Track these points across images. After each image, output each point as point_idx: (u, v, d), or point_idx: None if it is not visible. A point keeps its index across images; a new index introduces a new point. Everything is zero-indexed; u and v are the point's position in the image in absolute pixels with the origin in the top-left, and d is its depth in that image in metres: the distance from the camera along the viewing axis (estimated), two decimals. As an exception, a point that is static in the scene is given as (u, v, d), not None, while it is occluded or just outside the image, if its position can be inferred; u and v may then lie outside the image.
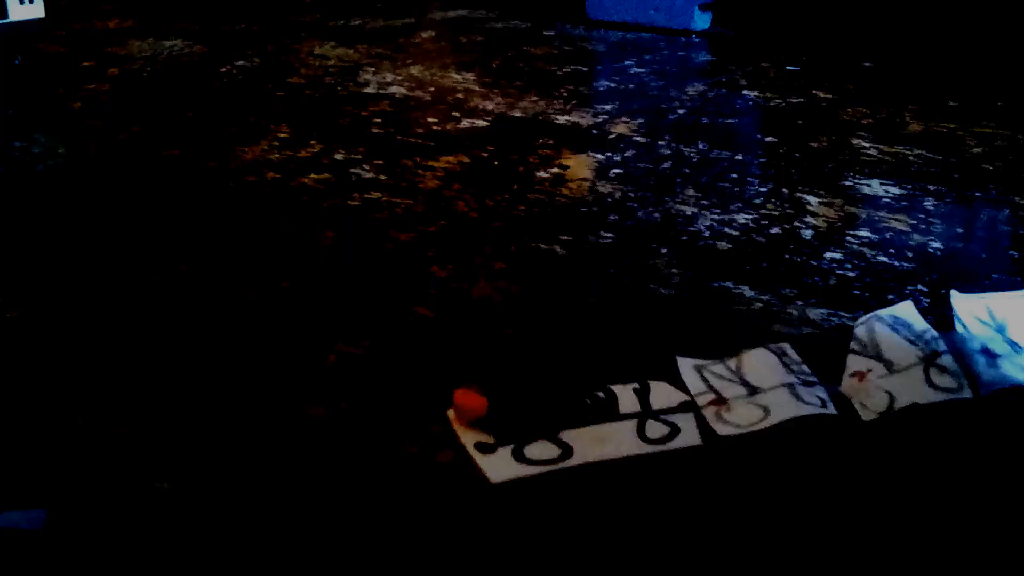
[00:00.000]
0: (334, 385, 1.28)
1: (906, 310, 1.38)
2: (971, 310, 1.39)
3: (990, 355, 1.28)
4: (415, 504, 1.05)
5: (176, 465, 1.12)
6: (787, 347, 1.33)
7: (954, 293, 1.42)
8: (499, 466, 1.10)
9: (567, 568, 0.97)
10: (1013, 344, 1.32)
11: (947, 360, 1.26)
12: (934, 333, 1.33)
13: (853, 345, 1.33)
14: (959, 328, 1.35)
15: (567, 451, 1.13)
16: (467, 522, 1.03)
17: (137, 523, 1.03)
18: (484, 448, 1.13)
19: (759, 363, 1.30)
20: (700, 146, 2.29)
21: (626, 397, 1.23)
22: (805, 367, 1.29)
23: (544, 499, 1.06)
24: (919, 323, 1.35)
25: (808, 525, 1.02)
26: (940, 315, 1.42)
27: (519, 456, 1.12)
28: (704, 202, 1.94)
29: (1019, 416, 1.20)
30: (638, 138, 2.36)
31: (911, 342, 1.32)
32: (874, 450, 1.15)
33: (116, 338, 1.42)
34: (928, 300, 1.51)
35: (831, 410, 1.20)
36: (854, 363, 1.30)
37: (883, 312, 1.38)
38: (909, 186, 2.01)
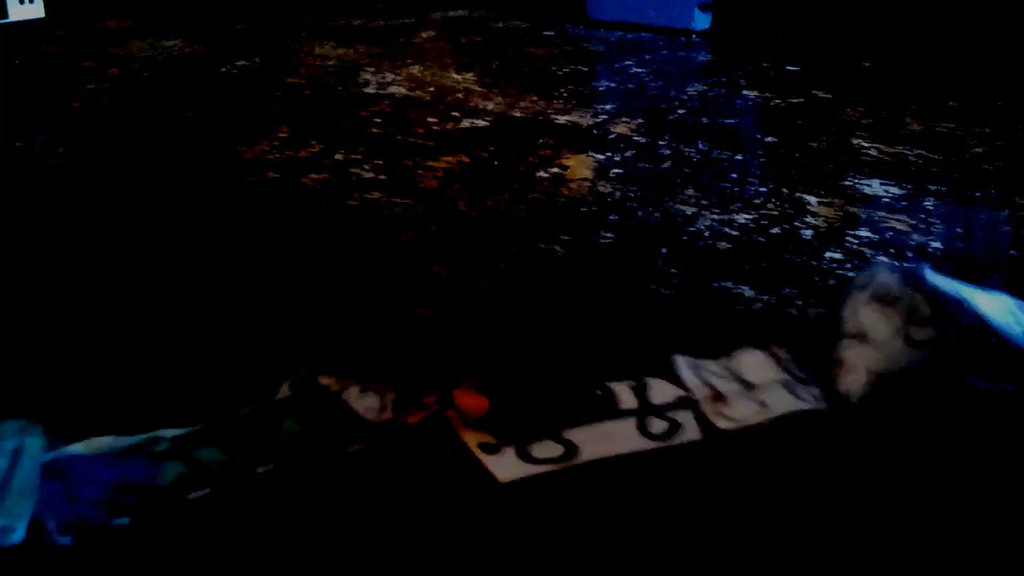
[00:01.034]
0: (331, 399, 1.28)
1: (881, 276, 1.39)
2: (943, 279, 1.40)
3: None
4: (419, 505, 1.05)
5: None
6: (778, 348, 1.34)
7: (927, 269, 1.42)
8: (506, 465, 1.10)
9: (578, 566, 0.97)
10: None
11: (924, 310, 1.28)
12: (909, 290, 1.34)
13: (841, 330, 1.34)
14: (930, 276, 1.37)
15: (572, 449, 1.13)
16: (476, 522, 1.03)
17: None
18: (488, 448, 1.13)
19: (752, 362, 1.31)
20: (700, 146, 2.29)
21: (624, 394, 1.24)
22: (797, 368, 1.30)
23: (552, 497, 1.06)
24: (895, 285, 1.36)
25: (811, 522, 1.02)
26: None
27: (524, 455, 1.12)
28: (704, 202, 1.94)
29: (1018, 418, 1.20)
30: (638, 138, 2.36)
31: (889, 305, 1.33)
32: (872, 446, 1.15)
33: (116, 338, 1.42)
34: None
35: (826, 403, 1.21)
36: (840, 350, 1.31)
37: (858, 280, 1.39)
38: (909, 186, 2.01)
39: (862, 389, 1.22)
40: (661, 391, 1.25)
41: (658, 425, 1.18)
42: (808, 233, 1.79)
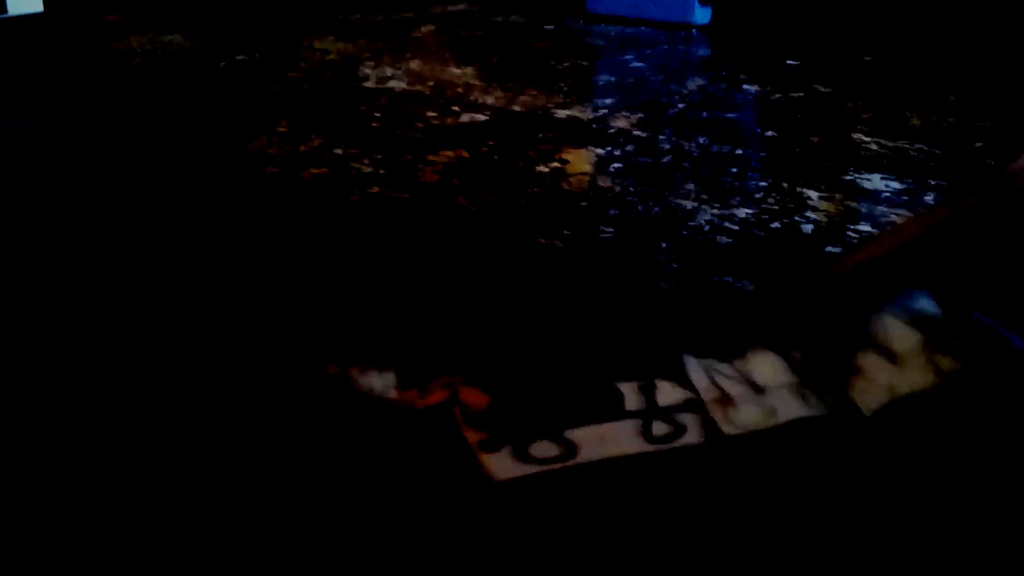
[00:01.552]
0: (335, 384, 1.28)
1: (912, 297, 1.39)
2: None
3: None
4: (419, 503, 1.05)
5: (176, 470, 1.12)
6: (792, 350, 1.34)
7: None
8: (503, 464, 1.10)
9: (569, 565, 0.97)
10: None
11: (952, 340, 1.27)
12: (941, 316, 1.33)
13: (859, 342, 1.34)
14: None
15: (571, 450, 1.13)
16: (471, 520, 1.03)
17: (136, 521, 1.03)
18: (487, 446, 1.13)
19: (764, 364, 1.30)
20: (700, 140, 2.29)
21: (631, 395, 1.23)
22: (811, 373, 1.29)
23: (548, 497, 1.06)
24: (926, 306, 1.36)
25: (809, 531, 1.02)
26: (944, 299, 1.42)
27: (523, 455, 1.12)
28: (704, 196, 1.94)
29: (1017, 420, 1.20)
30: (638, 132, 2.36)
31: (918, 326, 1.32)
32: (878, 460, 1.15)
33: (116, 339, 1.42)
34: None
35: (837, 412, 1.20)
36: (861, 359, 1.30)
37: (888, 304, 1.39)
38: (909, 180, 2.01)
39: (876, 403, 1.21)
40: (669, 393, 1.25)
41: (661, 428, 1.17)
42: (808, 228, 1.78)
